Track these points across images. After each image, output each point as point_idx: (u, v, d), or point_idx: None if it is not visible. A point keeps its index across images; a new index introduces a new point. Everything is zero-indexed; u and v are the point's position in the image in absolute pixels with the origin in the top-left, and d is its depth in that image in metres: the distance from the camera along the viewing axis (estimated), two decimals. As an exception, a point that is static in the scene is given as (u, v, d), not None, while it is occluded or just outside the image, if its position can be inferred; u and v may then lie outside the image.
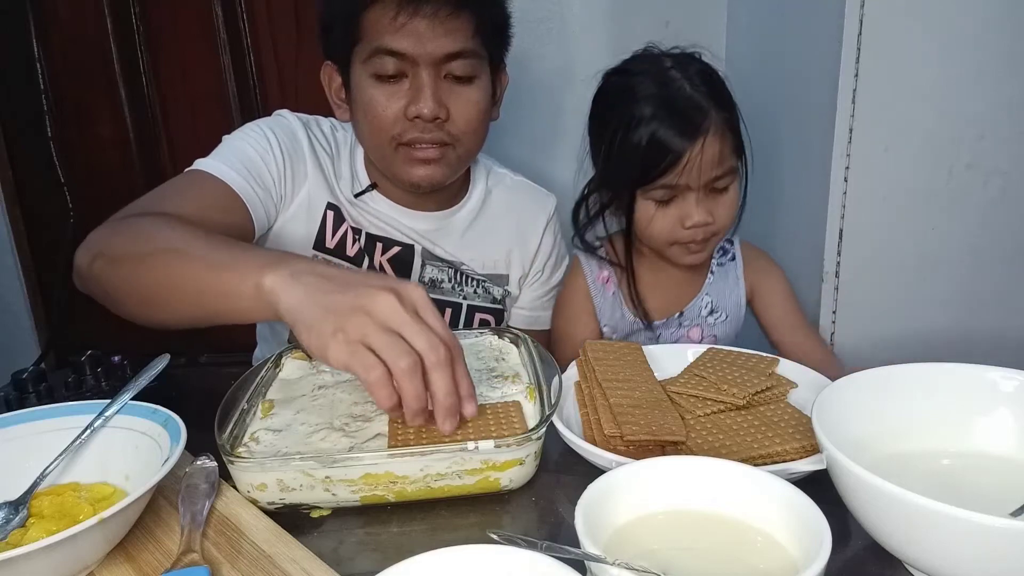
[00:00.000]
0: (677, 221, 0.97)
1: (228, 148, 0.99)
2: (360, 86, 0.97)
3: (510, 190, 1.17)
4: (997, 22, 1.13)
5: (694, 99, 0.94)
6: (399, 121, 0.96)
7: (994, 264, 1.24)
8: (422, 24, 0.92)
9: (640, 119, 0.94)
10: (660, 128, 0.93)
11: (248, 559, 0.56)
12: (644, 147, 0.94)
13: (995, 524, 0.45)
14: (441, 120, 0.96)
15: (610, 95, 1.01)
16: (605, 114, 1.01)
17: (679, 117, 0.93)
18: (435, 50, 0.93)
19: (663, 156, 0.93)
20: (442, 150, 0.99)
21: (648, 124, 0.94)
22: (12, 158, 1.95)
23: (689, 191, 0.96)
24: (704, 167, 0.94)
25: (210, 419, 0.66)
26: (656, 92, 0.95)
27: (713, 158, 0.94)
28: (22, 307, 2.02)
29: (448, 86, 0.96)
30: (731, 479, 0.54)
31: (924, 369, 0.66)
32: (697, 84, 0.95)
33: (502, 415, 0.69)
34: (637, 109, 0.95)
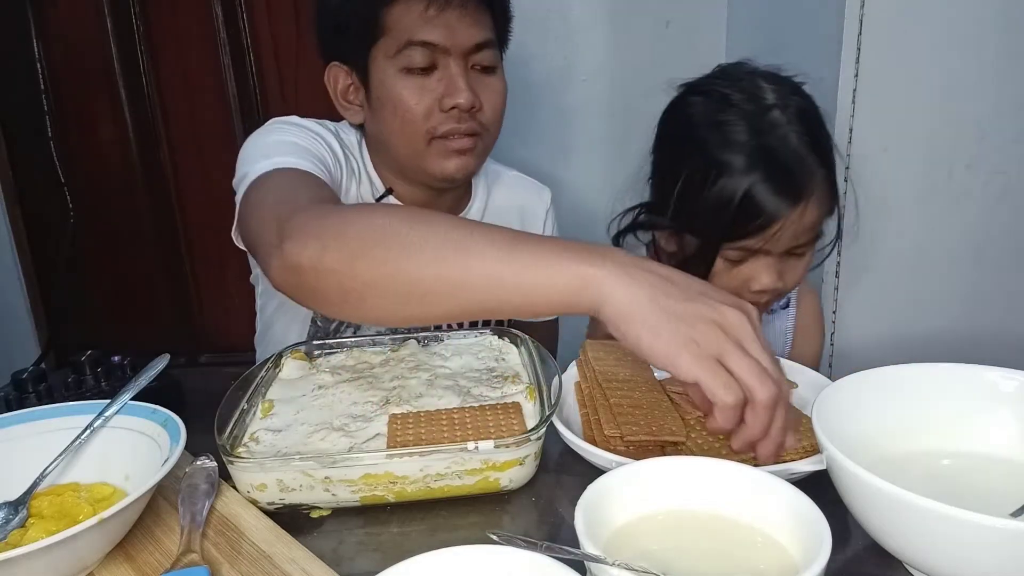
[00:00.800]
0: (744, 283, 0.86)
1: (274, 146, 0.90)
2: (386, 82, 0.96)
3: (509, 186, 1.18)
4: (997, 22, 1.13)
5: (798, 154, 0.81)
6: (433, 114, 0.96)
7: (994, 264, 1.24)
8: (453, 15, 0.93)
9: (733, 168, 0.81)
10: (757, 186, 0.80)
11: (248, 559, 0.56)
12: (734, 204, 0.80)
13: (995, 524, 0.45)
14: (475, 110, 0.97)
15: (694, 124, 0.86)
16: (681, 145, 0.87)
17: (781, 177, 0.80)
18: (466, 40, 0.94)
19: (754, 216, 0.80)
20: (474, 140, 0.99)
21: (742, 177, 0.80)
22: (12, 158, 1.95)
23: (766, 255, 0.84)
24: (796, 235, 0.82)
25: (210, 419, 0.66)
26: (756, 140, 0.81)
27: (809, 224, 0.82)
28: (22, 307, 2.02)
29: (476, 76, 0.97)
30: (731, 479, 0.54)
31: (924, 369, 0.66)
32: (802, 133, 0.82)
33: (502, 415, 0.69)
34: (729, 155, 0.81)
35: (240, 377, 0.76)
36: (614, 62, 1.65)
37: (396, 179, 1.05)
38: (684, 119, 0.88)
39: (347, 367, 0.83)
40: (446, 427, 0.67)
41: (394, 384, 0.77)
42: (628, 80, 1.66)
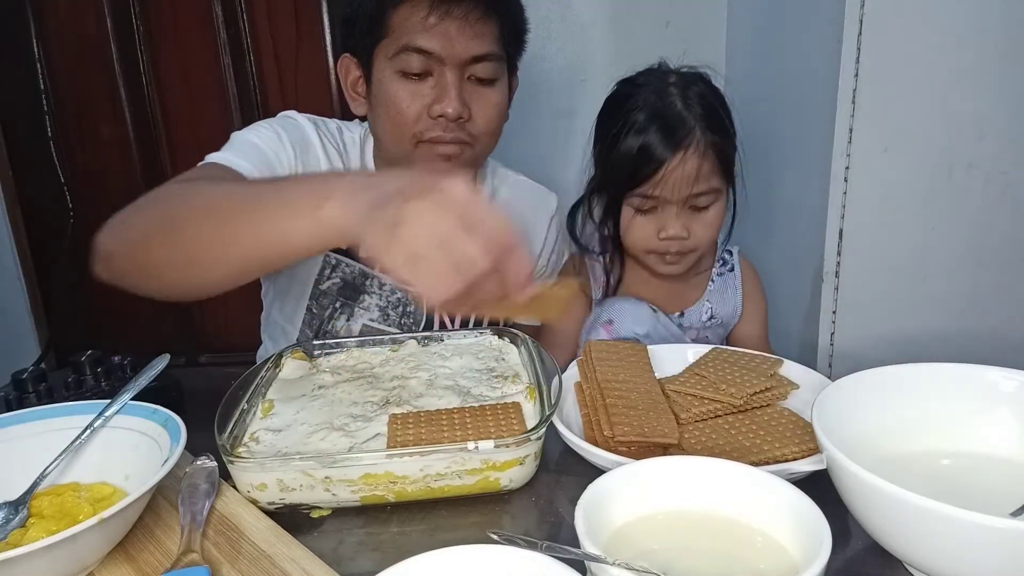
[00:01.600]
0: (654, 231, 1.01)
1: (239, 142, 0.97)
2: (383, 81, 0.98)
3: (514, 189, 1.18)
4: (997, 22, 1.13)
5: (682, 115, 0.98)
6: (422, 119, 0.97)
7: (994, 264, 1.24)
8: (452, 26, 0.93)
9: (632, 126, 0.98)
10: (647, 136, 0.97)
11: (248, 559, 0.56)
12: (632, 153, 0.98)
13: (995, 524, 0.45)
14: (463, 120, 0.97)
15: (614, 102, 1.04)
16: (607, 119, 1.04)
17: (665, 129, 0.97)
18: (463, 51, 0.94)
19: (645, 163, 0.97)
20: (461, 148, 1.00)
21: (638, 133, 0.98)
22: (12, 158, 1.95)
23: (669, 204, 0.99)
24: (682, 181, 0.97)
25: (210, 419, 0.66)
26: (652, 103, 0.99)
27: (691, 173, 0.97)
28: (22, 307, 2.02)
29: (471, 87, 0.97)
30: (731, 479, 0.54)
31: (924, 369, 0.66)
32: (692, 103, 0.99)
33: (502, 415, 0.69)
34: (632, 117, 0.99)
35: (240, 377, 0.76)
36: (614, 62, 1.65)
37: None
38: (610, 103, 1.06)
39: (347, 367, 0.83)
40: (446, 427, 0.67)
41: (394, 384, 0.77)
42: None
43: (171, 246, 0.70)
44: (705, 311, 1.12)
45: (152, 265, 0.73)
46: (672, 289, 1.11)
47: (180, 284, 0.74)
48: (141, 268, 0.74)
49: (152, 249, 0.72)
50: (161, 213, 0.74)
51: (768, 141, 1.46)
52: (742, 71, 1.60)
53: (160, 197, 0.77)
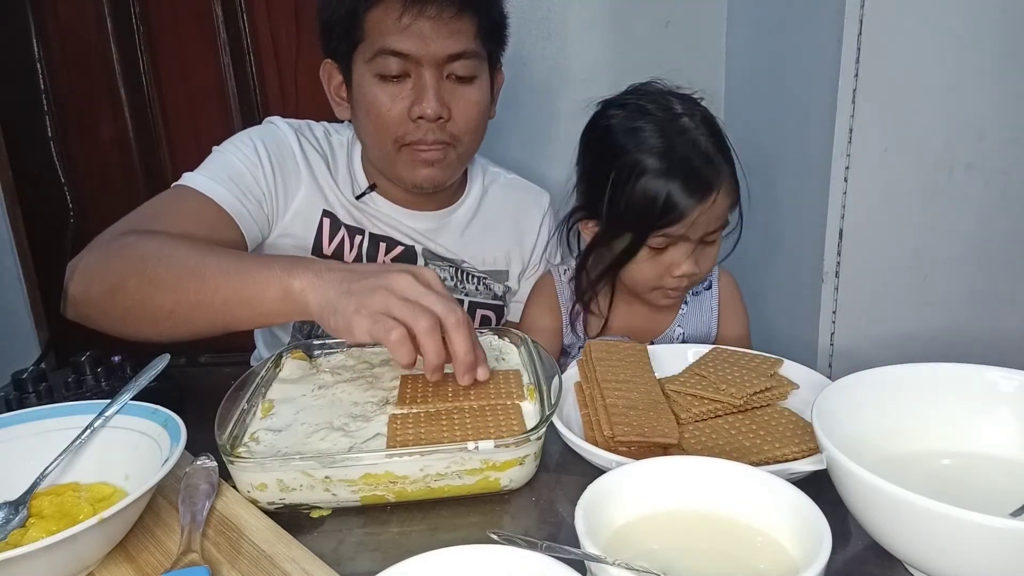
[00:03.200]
0: (666, 269, 0.96)
1: (216, 163, 0.99)
2: (363, 86, 0.97)
3: (505, 188, 1.18)
4: (997, 22, 1.13)
5: (707, 154, 0.93)
6: (403, 122, 0.97)
7: (994, 264, 1.24)
8: (426, 25, 0.93)
9: (649, 170, 0.92)
10: (672, 184, 0.91)
11: (248, 559, 0.56)
12: (653, 200, 0.91)
13: (995, 524, 0.45)
14: (443, 120, 0.97)
15: (614, 132, 0.97)
16: (605, 151, 0.97)
17: (693, 175, 0.91)
18: (438, 51, 0.94)
19: (671, 211, 0.91)
20: (444, 150, 1.00)
21: (658, 177, 0.91)
22: (12, 158, 1.95)
23: (685, 242, 0.95)
24: (708, 223, 0.94)
25: (210, 419, 0.66)
26: (668, 143, 0.93)
27: (717, 214, 0.94)
28: (22, 307, 2.01)
29: (450, 86, 0.97)
30: (731, 479, 0.54)
31: (924, 369, 0.66)
32: (708, 136, 0.94)
33: (502, 415, 0.69)
34: (645, 158, 0.92)
35: (240, 377, 0.76)
36: (614, 62, 1.65)
37: (379, 177, 1.07)
38: (605, 129, 0.98)
39: (347, 367, 0.83)
40: (446, 427, 0.67)
41: (394, 384, 0.77)
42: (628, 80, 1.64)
43: (146, 300, 0.78)
44: (677, 336, 1.09)
45: (124, 315, 0.81)
46: (646, 316, 1.07)
47: (150, 334, 0.81)
48: (113, 316, 0.82)
49: (125, 300, 0.79)
50: (138, 267, 0.79)
51: (768, 141, 1.46)
52: (742, 71, 1.60)
53: (135, 249, 0.82)
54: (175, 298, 0.77)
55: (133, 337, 0.82)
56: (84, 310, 0.84)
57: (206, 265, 0.77)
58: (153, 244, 0.83)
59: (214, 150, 1.02)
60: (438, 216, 1.10)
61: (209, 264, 0.77)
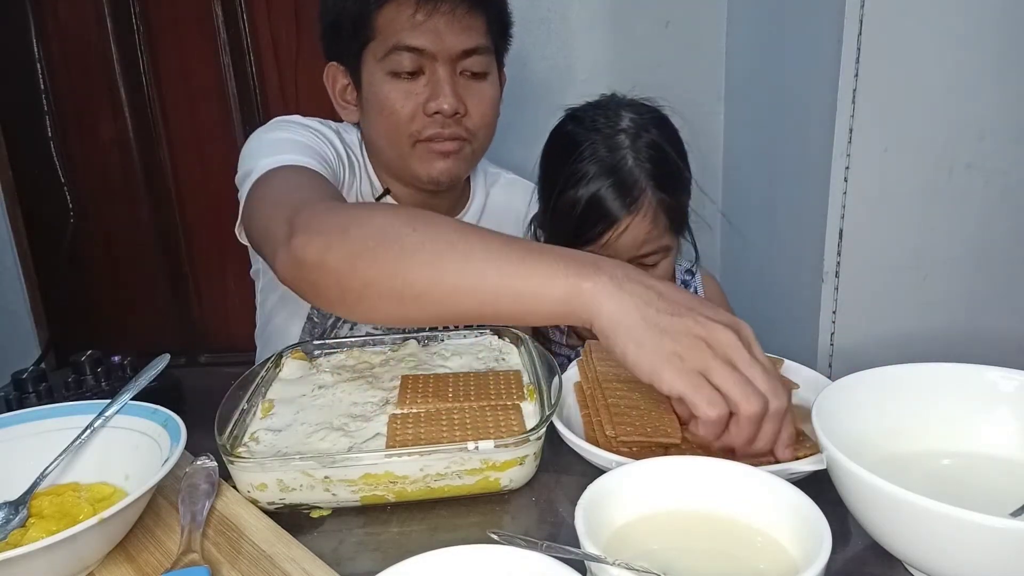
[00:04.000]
0: None
1: (284, 144, 0.91)
2: (375, 84, 0.97)
3: (506, 188, 1.18)
4: (997, 22, 1.13)
5: (633, 174, 0.94)
6: (418, 118, 0.96)
7: (994, 264, 1.24)
8: (440, 21, 0.93)
9: (582, 178, 0.94)
10: (596, 192, 0.93)
11: (248, 559, 0.56)
12: (579, 209, 0.94)
13: (995, 524, 0.45)
14: (460, 115, 0.97)
15: (562, 141, 0.99)
16: (552, 162, 1.00)
17: (614, 191, 0.93)
18: (453, 46, 0.94)
19: (593, 223, 0.93)
20: (459, 144, 0.99)
21: (587, 186, 0.94)
22: (12, 158, 1.95)
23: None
24: (631, 245, 0.94)
25: (210, 419, 0.66)
26: (601, 155, 0.94)
27: (642, 236, 0.94)
28: (22, 307, 2.02)
29: (464, 82, 0.97)
30: (731, 479, 0.54)
31: (924, 369, 0.66)
32: (642, 157, 0.94)
33: (501, 415, 0.69)
34: (581, 168, 0.94)
35: (240, 377, 0.76)
36: (614, 62, 1.65)
37: (391, 180, 1.06)
38: (559, 138, 1.00)
39: (347, 367, 0.83)
40: (446, 427, 0.67)
41: (394, 384, 0.77)
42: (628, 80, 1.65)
43: (396, 274, 0.65)
44: None
45: (363, 288, 0.66)
46: None
47: (388, 314, 0.69)
48: (349, 289, 0.67)
49: (369, 272, 0.66)
50: (387, 236, 0.66)
51: (768, 141, 1.46)
52: (742, 71, 1.60)
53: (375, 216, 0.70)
54: (431, 276, 0.64)
55: (363, 317, 0.74)
56: (314, 275, 0.69)
57: (470, 244, 0.64)
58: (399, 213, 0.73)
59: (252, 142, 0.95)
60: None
61: (474, 244, 0.64)
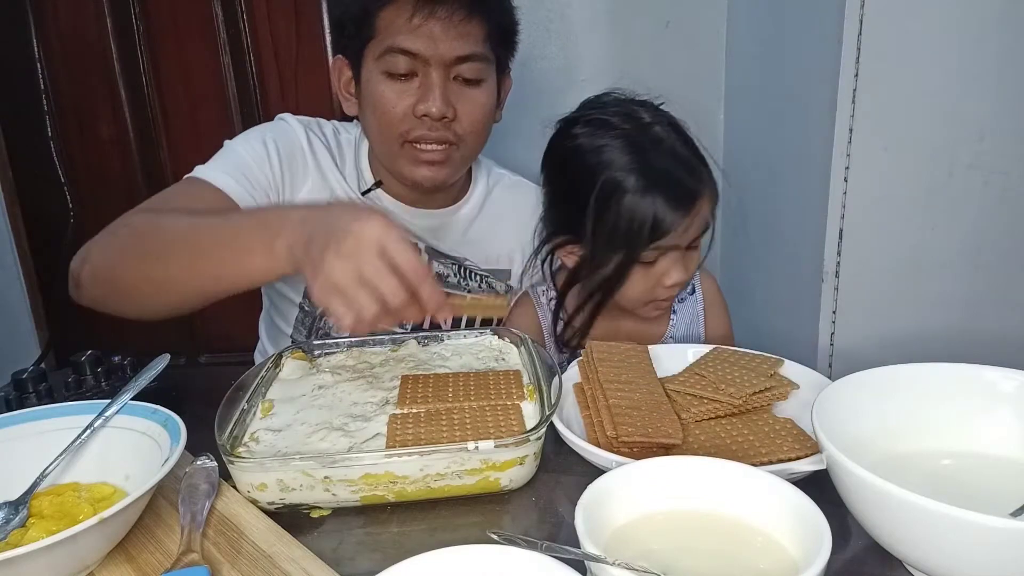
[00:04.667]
0: (657, 281, 0.93)
1: (226, 155, 1.01)
2: (371, 81, 0.99)
3: (509, 189, 1.19)
4: (997, 22, 1.13)
5: (688, 163, 0.90)
6: (407, 118, 0.98)
7: (994, 264, 1.24)
8: (436, 26, 0.94)
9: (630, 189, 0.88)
10: (657, 200, 0.87)
11: (248, 559, 0.56)
12: (642, 220, 0.88)
13: (995, 524, 0.45)
14: (448, 120, 0.98)
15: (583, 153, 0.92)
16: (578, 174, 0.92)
17: (677, 186, 0.88)
18: (447, 52, 0.95)
19: (659, 226, 0.88)
20: (447, 150, 1.00)
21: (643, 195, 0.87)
22: (12, 158, 1.95)
23: (674, 251, 0.92)
24: (696, 228, 0.92)
25: (210, 419, 0.66)
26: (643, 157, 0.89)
27: (703, 219, 0.92)
28: (22, 307, 2.02)
29: (457, 87, 0.98)
30: (731, 479, 0.54)
31: (924, 369, 0.66)
32: (682, 142, 0.91)
33: (501, 415, 0.69)
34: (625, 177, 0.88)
35: (240, 377, 0.76)
36: (614, 62, 1.65)
37: (385, 174, 1.08)
38: (572, 151, 0.94)
39: (347, 367, 0.83)
40: (446, 427, 0.67)
41: (394, 384, 0.77)
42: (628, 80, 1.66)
43: (144, 273, 0.81)
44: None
45: (129, 292, 0.83)
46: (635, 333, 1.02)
47: (151, 306, 0.84)
48: (119, 295, 0.85)
49: (127, 276, 0.82)
50: (135, 243, 0.83)
51: (768, 141, 1.46)
52: (742, 71, 1.60)
53: (133, 227, 0.85)
54: (174, 269, 0.79)
55: (142, 315, 0.84)
56: (91, 292, 0.86)
57: (199, 234, 0.79)
58: (149, 219, 0.85)
59: (225, 144, 1.04)
60: (441, 215, 1.11)
61: (202, 232, 0.79)
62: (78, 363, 0.85)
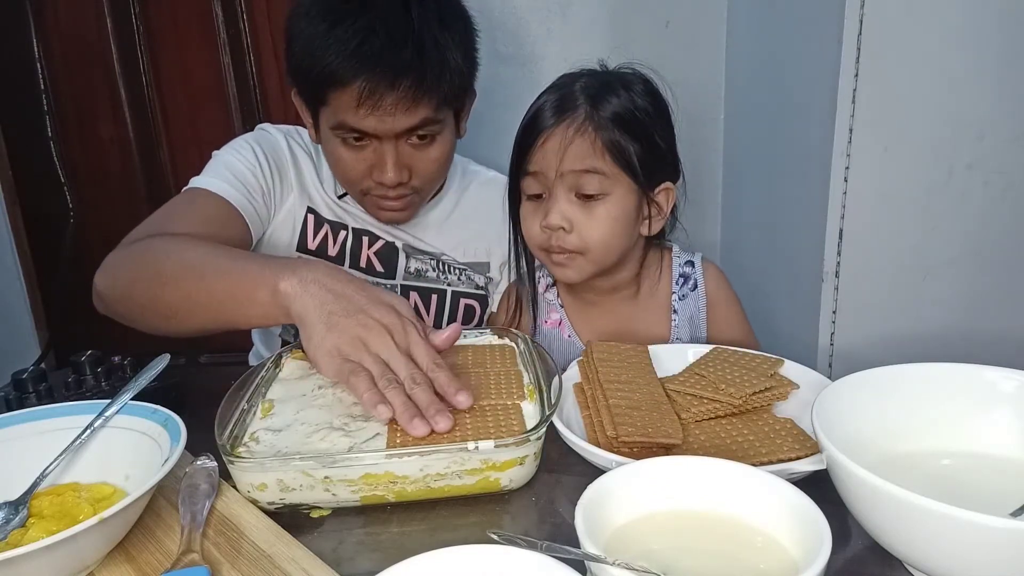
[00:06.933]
0: (542, 222, 0.92)
1: (220, 164, 1.04)
2: (328, 140, 1.03)
3: (484, 186, 1.21)
4: (997, 22, 1.13)
5: (573, 93, 0.92)
6: (365, 178, 1.02)
7: (994, 264, 1.24)
8: (386, 110, 0.95)
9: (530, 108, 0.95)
10: (533, 109, 0.93)
11: (248, 559, 0.56)
12: (520, 130, 0.94)
13: (995, 524, 0.45)
14: (404, 182, 1.02)
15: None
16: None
17: (552, 102, 0.92)
18: (396, 127, 0.97)
19: (528, 135, 0.92)
20: (407, 199, 1.05)
21: (531, 110, 0.94)
22: (12, 158, 1.95)
23: (556, 190, 0.90)
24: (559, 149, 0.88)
25: (210, 419, 0.66)
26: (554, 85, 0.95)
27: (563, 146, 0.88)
28: (22, 307, 2.02)
29: (409, 150, 1.01)
30: (731, 479, 0.54)
31: (924, 369, 0.66)
32: (591, 88, 0.92)
33: (501, 415, 0.69)
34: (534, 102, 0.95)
35: (240, 377, 0.76)
36: (614, 62, 1.64)
37: None
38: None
39: (347, 367, 0.83)
40: (446, 427, 0.67)
41: (394, 384, 0.77)
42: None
43: (156, 299, 0.85)
44: None
45: (141, 311, 0.88)
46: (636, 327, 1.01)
47: (160, 328, 0.87)
48: (129, 310, 0.89)
49: (139, 298, 0.87)
50: (149, 267, 0.86)
51: (768, 141, 1.46)
52: (742, 71, 1.60)
53: (149, 250, 0.89)
54: (178, 296, 0.83)
55: (153, 331, 0.88)
56: (110, 306, 0.91)
57: (206, 264, 0.83)
58: (163, 245, 0.89)
59: (214, 155, 1.07)
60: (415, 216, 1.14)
61: (208, 263, 0.83)
62: (78, 363, 0.85)
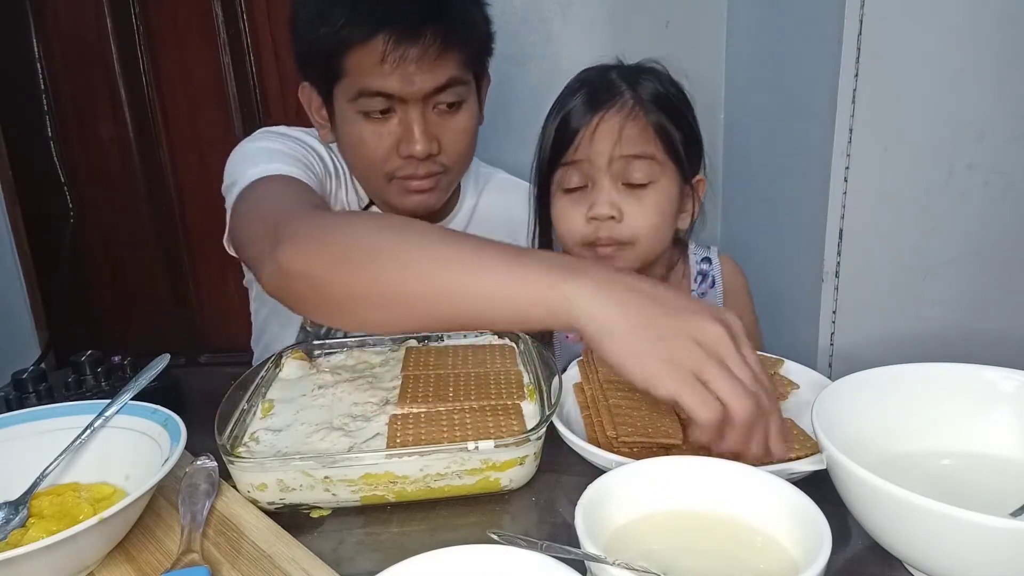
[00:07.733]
0: (583, 214, 0.87)
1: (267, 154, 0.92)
2: (347, 121, 0.95)
3: (500, 190, 1.18)
4: (997, 22, 1.13)
5: (612, 80, 0.88)
6: (391, 158, 0.95)
7: (994, 264, 1.24)
8: (410, 66, 0.90)
9: (560, 102, 0.90)
10: (571, 103, 0.88)
11: (248, 559, 0.56)
12: (555, 125, 0.89)
13: (995, 524, 0.45)
14: (434, 155, 0.96)
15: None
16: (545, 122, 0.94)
17: (590, 92, 0.88)
18: (424, 86, 0.91)
19: (566, 128, 0.87)
20: (436, 179, 0.98)
21: (564, 104, 0.89)
22: (12, 158, 1.95)
23: (599, 178, 0.86)
24: (606, 136, 0.85)
25: (210, 419, 0.66)
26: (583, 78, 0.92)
27: (614, 132, 0.84)
28: (22, 307, 2.02)
29: (437, 117, 0.95)
30: (731, 479, 0.54)
31: (924, 369, 0.66)
32: (627, 75, 0.89)
33: (502, 415, 0.69)
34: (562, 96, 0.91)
35: (240, 377, 0.76)
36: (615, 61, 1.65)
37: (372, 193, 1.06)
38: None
39: (347, 367, 0.83)
40: (446, 427, 0.67)
41: (394, 384, 0.77)
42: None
43: (377, 281, 0.64)
44: None
45: (344, 295, 0.66)
46: None
47: (371, 321, 0.68)
48: (331, 296, 0.67)
49: (351, 279, 0.65)
50: (369, 244, 0.66)
51: (768, 141, 1.46)
52: (742, 71, 1.60)
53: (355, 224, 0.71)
54: (415, 283, 0.63)
55: (348, 325, 0.74)
56: (297, 285, 0.68)
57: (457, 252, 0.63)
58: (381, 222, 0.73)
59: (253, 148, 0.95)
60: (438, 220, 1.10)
61: (461, 252, 0.63)
62: (78, 363, 0.85)
